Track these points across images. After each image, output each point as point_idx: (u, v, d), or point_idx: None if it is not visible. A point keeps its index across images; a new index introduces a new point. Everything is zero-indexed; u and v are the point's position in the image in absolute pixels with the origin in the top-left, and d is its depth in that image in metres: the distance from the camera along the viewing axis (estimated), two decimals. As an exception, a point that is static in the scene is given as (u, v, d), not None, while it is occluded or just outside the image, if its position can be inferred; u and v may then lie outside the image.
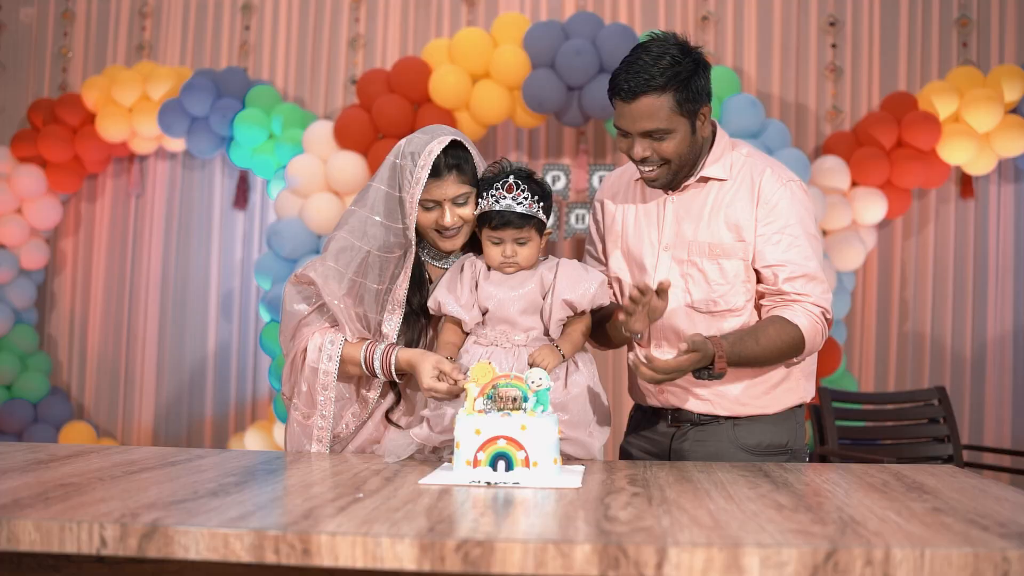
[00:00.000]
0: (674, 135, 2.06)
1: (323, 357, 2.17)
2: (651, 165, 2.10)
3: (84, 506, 1.47)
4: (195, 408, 5.29)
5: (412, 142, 2.17)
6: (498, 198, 2.10)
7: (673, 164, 2.10)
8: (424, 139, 2.16)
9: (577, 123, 4.47)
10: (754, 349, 2.02)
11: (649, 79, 2.00)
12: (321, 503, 1.53)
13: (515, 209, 2.08)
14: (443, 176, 2.13)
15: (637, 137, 2.07)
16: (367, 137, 4.38)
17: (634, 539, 1.29)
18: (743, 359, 2.01)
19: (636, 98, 2.03)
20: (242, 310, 5.27)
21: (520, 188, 2.09)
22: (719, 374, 1.98)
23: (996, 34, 4.75)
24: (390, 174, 2.18)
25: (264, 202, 5.26)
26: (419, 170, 2.12)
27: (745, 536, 1.32)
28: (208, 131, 4.85)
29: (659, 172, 2.11)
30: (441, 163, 2.13)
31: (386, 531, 1.32)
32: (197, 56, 5.33)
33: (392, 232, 2.17)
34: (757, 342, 2.03)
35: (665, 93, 2.02)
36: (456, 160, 2.14)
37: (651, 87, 2.01)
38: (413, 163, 2.13)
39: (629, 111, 2.05)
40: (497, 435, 1.79)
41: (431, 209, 2.16)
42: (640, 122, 2.04)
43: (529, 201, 2.09)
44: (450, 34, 5.13)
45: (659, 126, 2.04)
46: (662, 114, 2.03)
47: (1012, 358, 4.67)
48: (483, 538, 1.29)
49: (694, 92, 2.04)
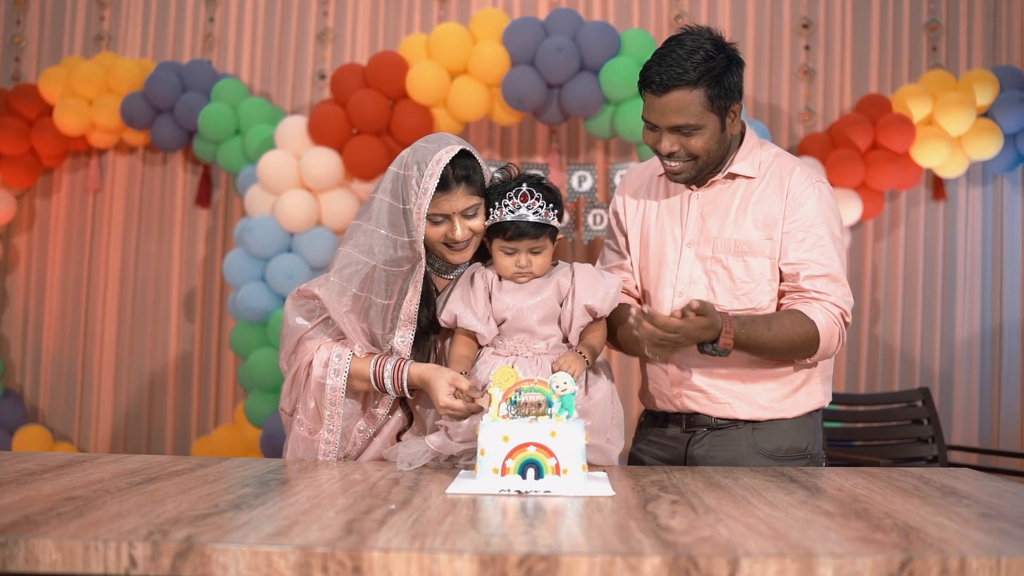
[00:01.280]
0: (703, 131, 2.02)
1: (330, 372, 2.07)
2: (677, 160, 2.06)
3: (102, 522, 1.38)
4: (156, 411, 5.11)
5: (417, 151, 2.07)
6: (512, 208, 2.02)
7: (700, 160, 2.06)
8: (430, 148, 2.06)
9: (556, 121, 4.43)
10: (765, 335, 1.98)
11: (682, 73, 1.96)
12: (355, 516, 1.45)
13: (530, 219, 2.01)
14: (452, 189, 2.03)
15: (665, 131, 2.03)
16: (342, 133, 4.28)
17: (700, 550, 1.24)
18: (751, 342, 1.96)
19: (667, 91, 1.98)
20: (205, 310, 5.11)
21: (534, 196, 2.02)
22: (723, 351, 1.93)
23: (964, 39, 4.83)
24: (393, 185, 2.07)
25: (229, 199, 5.12)
26: (426, 179, 2.01)
27: (810, 545, 1.28)
28: (173, 125, 4.69)
29: (684, 167, 2.07)
30: (449, 175, 2.03)
31: (441, 546, 1.26)
32: (159, 48, 5.15)
33: (399, 246, 2.06)
34: (769, 328, 1.99)
35: (697, 88, 1.98)
36: (465, 171, 2.05)
37: (683, 81, 1.97)
38: (420, 173, 2.02)
39: (659, 104, 2.01)
40: (527, 442, 1.73)
41: (440, 223, 2.06)
42: (669, 116, 2.00)
43: (544, 210, 2.02)
44: (422, 29, 5.04)
45: (689, 121, 2.00)
46: (693, 109, 1.99)
47: (980, 359, 4.75)
48: (547, 552, 1.23)
49: (726, 88, 2.01)
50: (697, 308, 1.85)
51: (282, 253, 4.24)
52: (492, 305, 2.06)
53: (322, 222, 4.30)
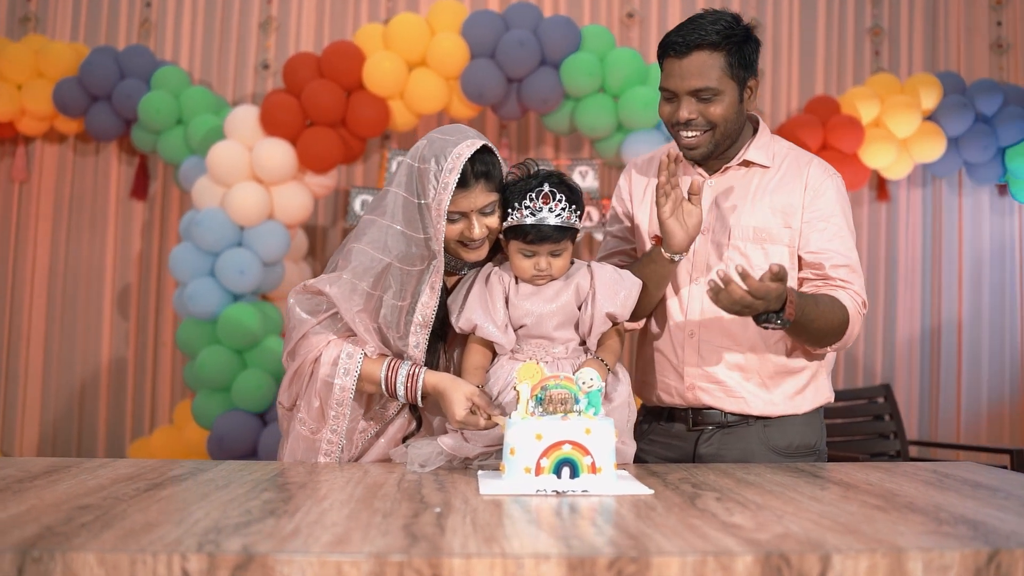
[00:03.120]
0: (723, 98, 2.02)
1: (339, 371, 1.97)
2: (695, 130, 2.05)
3: (136, 533, 1.26)
4: (87, 413, 4.87)
5: (433, 144, 1.96)
6: (533, 210, 1.93)
7: (717, 131, 2.05)
8: (448, 140, 1.95)
9: (514, 116, 4.37)
10: (814, 312, 1.96)
11: (704, 35, 2.00)
12: (406, 520, 1.37)
13: (552, 222, 1.93)
14: (471, 185, 1.94)
15: (685, 97, 2.03)
16: (295, 124, 4.13)
17: (788, 547, 1.21)
18: (804, 317, 1.93)
19: (689, 52, 2.00)
20: (141, 307, 4.89)
21: (556, 198, 1.93)
22: (787, 320, 1.88)
23: (906, 43, 4.97)
24: (408, 179, 1.97)
25: (167, 191, 4.90)
26: (446, 174, 1.91)
27: (893, 539, 1.26)
28: (110, 112, 4.46)
29: (701, 139, 2.06)
30: (468, 171, 1.93)
31: (523, 550, 1.19)
32: (91, 32, 4.90)
33: (413, 243, 1.96)
34: (817, 306, 1.97)
35: (718, 51, 2.00)
36: (485, 166, 1.95)
37: (706, 42, 2.00)
38: (438, 166, 1.92)
39: (680, 68, 2.01)
40: (562, 439, 1.67)
41: (456, 221, 1.96)
42: (690, 80, 2.01)
43: (567, 212, 1.94)
44: (369, 19, 4.93)
45: (709, 84, 2.00)
46: (713, 73, 2.00)
47: (920, 358, 4.90)
48: (636, 554, 1.18)
49: (746, 58, 2.04)
50: (777, 272, 1.81)
51: (232, 247, 4.07)
52: (510, 311, 1.98)
53: (274, 216, 4.15)
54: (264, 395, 4.01)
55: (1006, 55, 4.99)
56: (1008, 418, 4.91)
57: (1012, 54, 5.00)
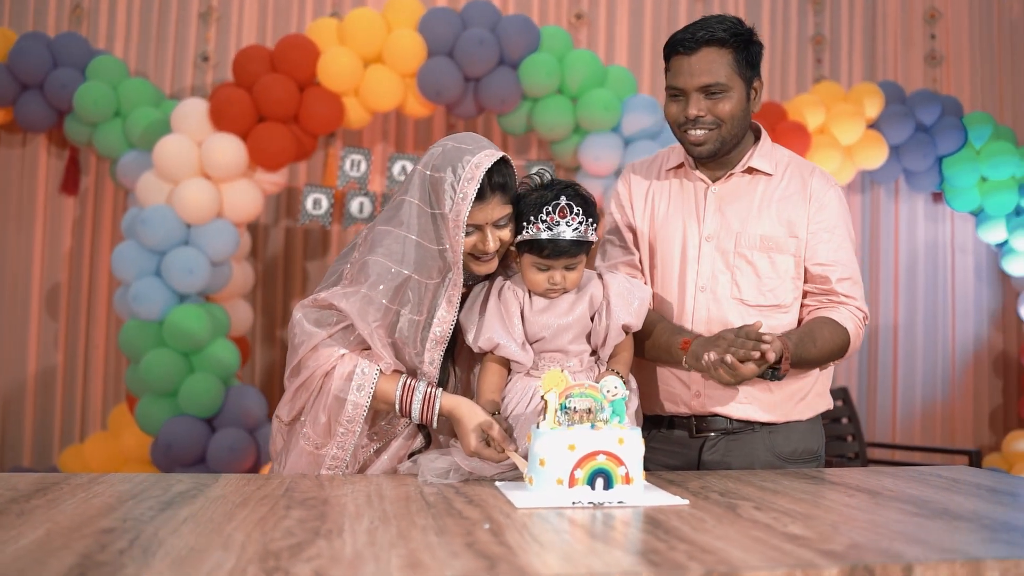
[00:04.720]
0: (731, 95, 2.04)
1: (353, 387, 1.88)
2: (703, 127, 2.05)
3: (189, 561, 1.18)
4: (12, 419, 4.60)
5: (448, 153, 1.89)
6: (549, 224, 1.88)
7: (724, 129, 2.06)
8: (465, 149, 1.88)
9: (470, 115, 4.32)
10: (812, 351, 2.00)
11: (712, 32, 2.03)
12: (469, 539, 1.31)
13: (569, 237, 1.88)
14: (487, 198, 1.87)
15: (693, 94, 2.04)
16: (246, 118, 3.99)
17: (868, 558, 1.21)
18: (802, 361, 1.98)
19: (698, 48, 2.03)
20: (71, 307, 4.65)
21: (573, 211, 1.88)
22: (781, 376, 1.93)
23: (846, 52, 5.11)
24: (421, 188, 1.90)
25: (100, 186, 4.68)
26: (463, 184, 1.84)
27: (963, 548, 1.27)
28: (42, 103, 4.23)
29: (708, 136, 2.06)
30: (486, 183, 1.86)
31: (609, 569, 1.15)
32: (18, 17, 4.64)
33: (429, 255, 1.90)
34: (815, 344, 2.01)
35: (726, 48, 2.04)
36: (503, 178, 1.89)
37: (714, 39, 2.03)
38: (455, 176, 1.85)
39: (688, 65, 2.03)
40: (596, 450, 1.64)
41: (470, 233, 1.90)
42: (699, 76, 2.03)
43: (584, 226, 1.89)
44: (314, 13, 4.81)
45: (718, 80, 2.03)
46: (722, 70, 2.03)
47: (858, 361, 5.04)
48: (726, 569, 1.15)
49: (752, 57, 2.07)
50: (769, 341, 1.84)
51: (179, 246, 3.90)
52: (526, 327, 1.94)
53: (223, 214, 4.00)
54: (212, 400, 3.86)
55: (939, 67, 5.19)
56: (940, 418, 5.10)
57: (945, 66, 5.20)
